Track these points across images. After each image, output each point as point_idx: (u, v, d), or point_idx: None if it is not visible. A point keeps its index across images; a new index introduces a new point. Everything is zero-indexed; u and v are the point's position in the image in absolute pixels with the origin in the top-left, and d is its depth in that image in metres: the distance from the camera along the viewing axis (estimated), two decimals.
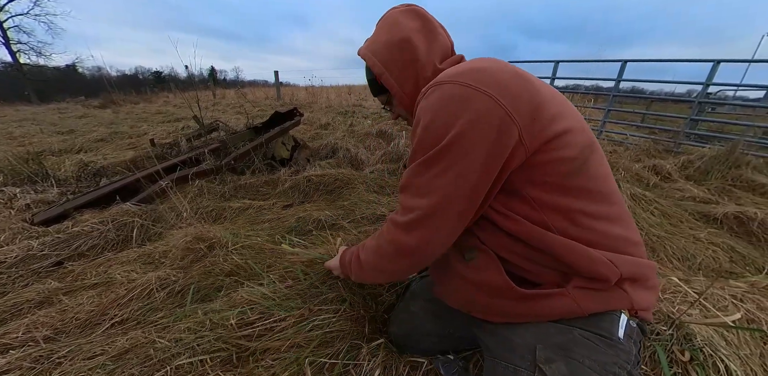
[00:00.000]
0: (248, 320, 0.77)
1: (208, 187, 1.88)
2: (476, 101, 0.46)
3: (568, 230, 0.49)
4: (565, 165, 0.48)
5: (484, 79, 0.47)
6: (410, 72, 0.63)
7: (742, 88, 4.52)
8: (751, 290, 0.93)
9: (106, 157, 2.89)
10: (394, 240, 0.54)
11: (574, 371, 0.43)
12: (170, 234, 1.39)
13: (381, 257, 0.59)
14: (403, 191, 0.54)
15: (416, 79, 0.64)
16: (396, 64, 0.63)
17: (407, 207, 0.52)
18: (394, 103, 0.72)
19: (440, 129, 0.48)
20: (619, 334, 0.46)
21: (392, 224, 0.55)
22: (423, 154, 0.50)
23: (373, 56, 0.65)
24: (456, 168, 0.47)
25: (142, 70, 39.68)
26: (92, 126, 4.79)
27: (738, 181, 2.30)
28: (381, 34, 0.65)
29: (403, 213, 0.53)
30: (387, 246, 0.56)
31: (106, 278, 1.10)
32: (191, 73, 3.07)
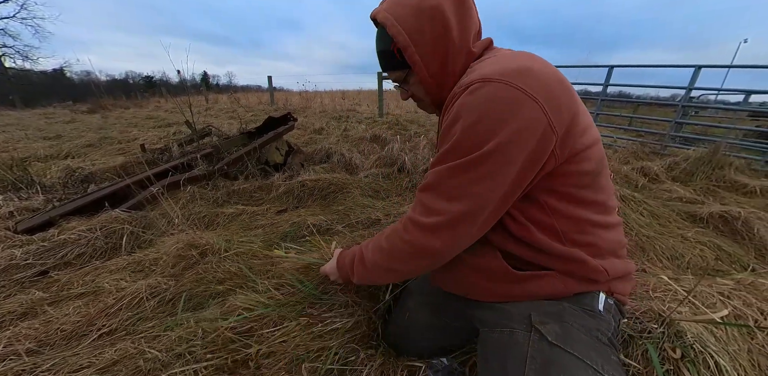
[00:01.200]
0: (242, 328, 0.76)
1: (200, 192, 1.85)
2: (525, 108, 0.44)
3: (574, 236, 0.53)
4: (583, 177, 0.52)
5: (534, 83, 0.45)
6: (440, 49, 0.55)
7: (722, 92, 4.71)
8: (738, 287, 0.96)
9: (95, 163, 2.83)
10: (415, 241, 0.52)
11: (565, 331, 0.48)
12: (161, 241, 1.37)
13: (394, 258, 0.57)
14: (429, 191, 0.51)
15: (445, 58, 0.56)
16: (424, 37, 0.54)
17: (434, 209, 0.50)
18: (411, 82, 0.63)
19: (484, 133, 0.45)
20: (599, 308, 0.52)
21: (413, 224, 0.52)
22: (459, 155, 0.47)
23: (396, 23, 0.54)
24: (494, 176, 0.46)
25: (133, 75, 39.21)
26: (80, 131, 4.69)
27: (721, 182, 2.38)
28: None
29: (426, 214, 0.50)
30: (404, 246, 0.54)
31: (93, 287, 1.06)
32: (183, 78, 3.05)
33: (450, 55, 0.56)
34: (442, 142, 0.53)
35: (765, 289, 0.96)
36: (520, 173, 0.47)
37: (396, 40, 0.56)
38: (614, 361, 0.47)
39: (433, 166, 0.52)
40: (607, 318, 0.52)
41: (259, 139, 2.30)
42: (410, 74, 0.61)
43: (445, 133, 0.51)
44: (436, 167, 0.51)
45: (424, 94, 0.64)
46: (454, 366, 0.72)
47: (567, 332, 0.48)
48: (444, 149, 0.50)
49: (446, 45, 0.55)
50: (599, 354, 0.46)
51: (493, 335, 0.54)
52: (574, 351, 0.45)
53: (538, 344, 0.47)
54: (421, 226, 0.51)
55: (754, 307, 0.86)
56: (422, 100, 0.66)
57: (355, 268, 0.66)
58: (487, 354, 0.54)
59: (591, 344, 0.47)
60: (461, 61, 0.57)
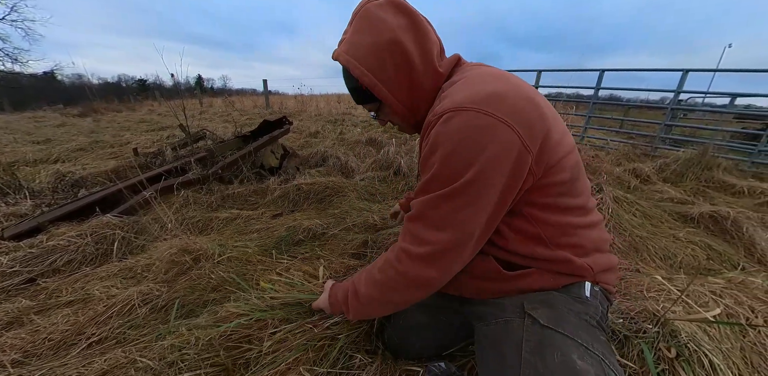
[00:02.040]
0: (237, 334, 0.74)
1: (194, 197, 1.83)
2: (498, 133, 0.45)
3: (559, 240, 0.55)
4: (560, 186, 0.54)
5: (504, 107, 0.46)
6: (404, 78, 0.58)
7: (709, 95, 4.84)
8: (729, 286, 0.97)
9: (86, 168, 2.78)
10: (409, 272, 0.52)
11: (556, 315, 0.51)
12: (154, 247, 1.34)
13: (389, 289, 0.57)
14: (417, 221, 0.52)
15: (411, 85, 0.59)
16: (387, 72, 0.56)
17: (424, 240, 0.51)
18: (385, 112, 0.67)
19: (462, 162, 0.46)
20: (586, 294, 0.55)
21: (406, 255, 0.53)
22: (441, 185, 0.49)
23: (358, 64, 0.56)
24: (476, 202, 0.48)
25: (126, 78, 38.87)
26: (71, 135, 4.61)
27: (710, 182, 2.43)
28: (363, 36, 0.56)
29: (417, 244, 0.52)
30: (398, 277, 0.54)
31: (83, 294, 1.04)
32: (177, 81, 3.03)
33: (415, 81, 0.58)
34: (423, 170, 0.54)
35: (755, 287, 0.98)
36: (502, 195, 0.49)
37: (361, 81, 0.58)
38: (603, 341, 0.50)
39: (417, 195, 0.53)
40: (594, 303, 0.55)
41: (255, 143, 2.29)
42: (383, 105, 0.64)
43: (425, 162, 0.52)
44: (420, 197, 0.52)
45: (400, 120, 0.67)
46: (453, 370, 0.72)
47: (558, 316, 0.50)
48: (426, 179, 0.51)
49: (410, 73, 0.57)
50: (589, 334, 0.49)
51: (488, 328, 0.56)
52: (565, 332, 0.48)
53: (531, 327, 0.50)
54: (414, 256, 0.52)
55: (745, 305, 0.88)
56: (399, 124, 0.70)
57: (349, 303, 0.65)
58: (484, 347, 0.55)
59: (580, 326, 0.50)
60: (429, 83, 0.59)
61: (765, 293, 0.95)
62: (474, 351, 0.78)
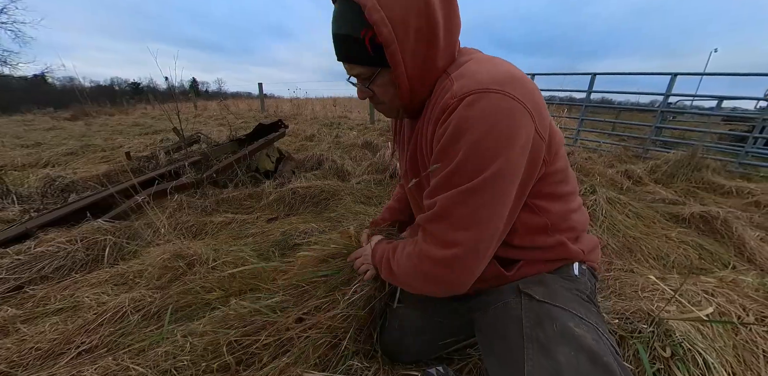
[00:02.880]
0: (231, 338, 0.73)
1: (188, 201, 1.80)
2: (523, 119, 0.43)
3: (559, 226, 0.57)
4: (559, 174, 0.55)
5: (524, 91, 0.44)
6: (422, 48, 0.48)
7: (697, 98, 4.96)
8: (720, 285, 0.99)
9: (76, 172, 2.73)
10: (430, 273, 0.50)
11: (550, 290, 0.53)
12: (146, 252, 1.32)
13: (415, 280, 0.55)
14: (441, 221, 0.47)
15: (425, 59, 0.49)
16: (408, 33, 0.46)
17: (450, 241, 0.47)
18: (378, 82, 0.53)
19: (491, 150, 0.42)
20: (575, 273, 0.58)
21: (428, 258, 0.49)
22: (467, 177, 0.44)
23: (380, 7, 0.44)
24: (502, 196, 0.45)
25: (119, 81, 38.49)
26: (61, 139, 4.53)
27: (700, 183, 2.49)
28: None
29: (442, 246, 0.48)
30: (421, 276, 0.52)
31: (72, 302, 1.01)
32: (171, 85, 3.01)
33: (432, 56, 0.49)
34: (440, 160, 0.48)
35: (746, 285, 1.00)
36: (522, 186, 0.47)
37: (378, 31, 0.45)
38: (595, 312, 0.53)
39: (437, 191, 0.48)
40: (583, 280, 0.58)
41: (250, 147, 2.28)
42: (381, 74, 0.52)
43: (444, 151, 0.46)
44: (442, 193, 0.47)
45: (392, 98, 0.55)
46: (450, 374, 0.71)
47: (551, 291, 0.52)
48: (448, 171, 0.46)
49: (430, 46, 0.48)
50: (581, 306, 0.51)
51: (488, 314, 0.56)
52: (560, 304, 0.49)
53: (528, 304, 0.51)
54: (436, 260, 0.48)
55: (736, 303, 0.89)
56: (384, 103, 0.58)
57: (383, 268, 0.64)
58: (486, 334, 0.55)
59: (573, 299, 0.53)
60: (443, 64, 0.51)
61: (756, 291, 0.97)
62: (471, 354, 0.78)
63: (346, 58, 0.53)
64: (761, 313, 0.86)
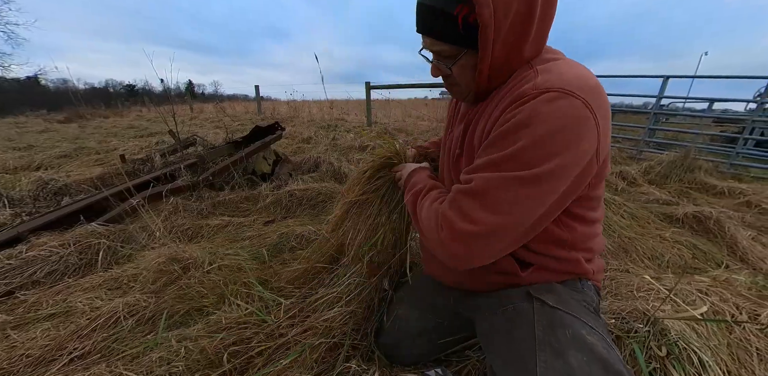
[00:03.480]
0: (225, 342, 0.72)
1: (184, 204, 1.79)
2: (590, 132, 0.43)
3: (578, 245, 0.59)
4: (593, 201, 0.57)
5: (603, 113, 0.44)
6: (513, 36, 0.46)
7: (689, 100, 5.04)
8: (714, 284, 1.00)
9: (70, 175, 2.70)
10: (444, 240, 0.48)
11: (561, 298, 0.54)
12: (141, 256, 1.30)
13: (429, 233, 0.53)
14: (473, 198, 0.46)
15: (513, 46, 0.48)
16: (508, 16, 0.44)
17: (471, 217, 0.46)
18: (460, 63, 0.51)
19: (551, 149, 0.42)
20: (581, 287, 0.61)
21: (449, 227, 0.48)
22: (518, 166, 0.43)
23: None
24: (543, 197, 0.44)
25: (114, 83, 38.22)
26: (55, 141, 4.48)
27: (693, 184, 2.52)
28: None
29: (462, 218, 0.46)
30: (434, 234, 0.50)
31: (64, 307, 1.00)
32: (167, 87, 2.99)
33: (521, 44, 0.47)
34: (495, 143, 0.46)
35: (739, 284, 1.01)
36: (563, 196, 0.46)
37: (478, 12, 0.44)
38: (602, 323, 0.55)
39: (481, 169, 0.47)
40: (589, 294, 0.60)
41: (246, 149, 2.27)
42: (466, 55, 0.50)
43: (505, 135, 0.45)
44: (486, 172, 0.46)
45: (469, 81, 0.54)
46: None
47: (563, 299, 0.53)
48: (502, 155, 0.44)
49: (523, 33, 0.46)
50: (590, 316, 0.52)
51: (495, 316, 0.57)
52: (572, 312, 0.50)
53: (540, 309, 0.51)
54: (456, 231, 0.47)
55: (730, 302, 0.90)
56: (459, 85, 0.56)
57: (410, 199, 0.63)
58: (493, 335, 0.55)
59: (582, 309, 0.54)
60: (528, 54, 0.50)
61: (748, 289, 0.98)
62: (470, 355, 0.78)
63: (430, 32, 0.50)
64: (754, 311, 0.87)
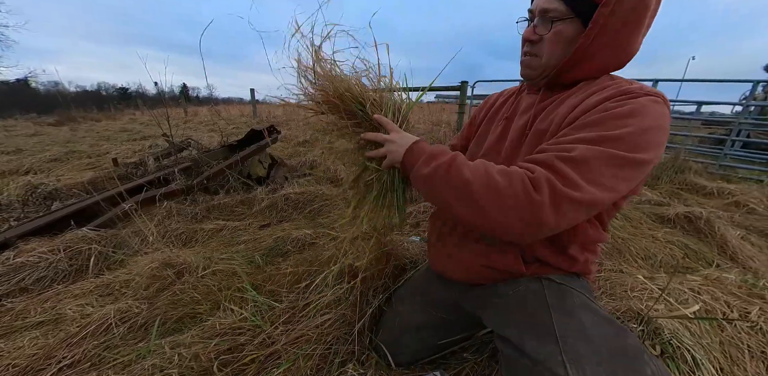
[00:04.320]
0: (220, 348, 0.71)
1: (177, 208, 1.77)
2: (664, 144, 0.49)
3: (589, 247, 0.64)
4: (614, 211, 0.62)
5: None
6: (622, 26, 0.49)
7: (678, 103, 5.15)
8: (705, 283, 1.02)
9: (60, 179, 2.65)
10: (538, 203, 0.43)
11: (565, 279, 0.59)
12: (134, 261, 1.28)
13: (496, 197, 0.45)
14: (575, 164, 0.44)
15: (612, 40, 0.50)
16: (622, 5, 0.48)
17: (578, 185, 0.43)
18: (562, 30, 0.53)
19: (651, 142, 0.46)
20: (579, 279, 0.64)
21: (550, 187, 0.43)
22: (624, 148, 0.44)
23: None
24: (631, 182, 0.46)
25: (106, 86, 37.79)
26: (45, 145, 4.40)
27: (684, 185, 2.57)
28: None
29: (565, 183, 0.43)
30: (519, 199, 0.44)
31: (53, 314, 0.97)
32: (161, 90, 2.97)
33: (622, 41, 0.51)
34: (603, 122, 0.47)
35: (729, 283, 1.03)
36: (632, 190, 0.50)
37: None
38: (600, 304, 0.62)
39: (580, 142, 0.46)
40: (586, 284, 0.64)
41: (241, 153, 2.25)
42: (572, 22, 0.52)
43: (614, 118, 0.46)
44: (590, 145, 0.45)
45: (552, 55, 0.55)
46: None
47: (567, 280, 0.60)
48: (609, 133, 0.45)
49: (630, 31, 0.50)
50: (590, 294, 0.59)
51: (507, 297, 0.60)
52: (576, 287, 0.58)
53: (549, 284, 0.58)
54: (556, 193, 0.43)
55: (721, 300, 0.92)
56: (539, 56, 0.56)
57: (432, 167, 0.52)
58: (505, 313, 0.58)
59: (584, 288, 0.60)
60: (619, 60, 0.54)
61: (739, 288, 1.00)
62: (467, 358, 0.78)
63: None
64: (744, 309, 0.88)
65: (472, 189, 0.47)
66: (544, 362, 0.44)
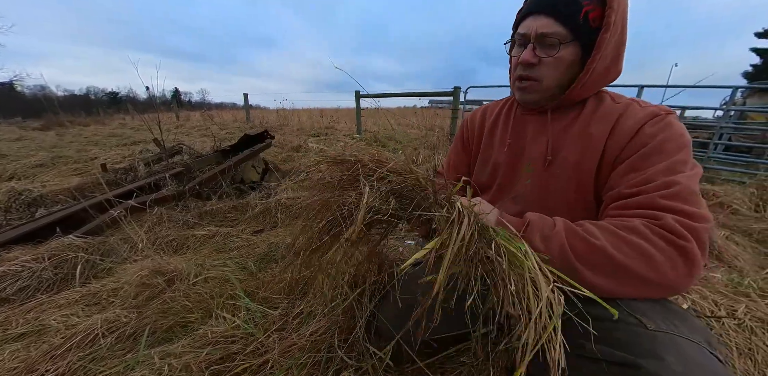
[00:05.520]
0: (211, 358, 0.70)
1: (169, 214, 1.73)
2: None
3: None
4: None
5: None
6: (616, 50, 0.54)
7: None
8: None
9: (46, 185, 2.58)
10: (690, 250, 0.41)
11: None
12: (122, 269, 1.25)
13: (639, 255, 0.41)
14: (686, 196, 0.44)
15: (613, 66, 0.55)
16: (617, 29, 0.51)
17: (700, 215, 0.43)
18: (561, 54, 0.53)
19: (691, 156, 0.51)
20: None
21: (685, 227, 0.42)
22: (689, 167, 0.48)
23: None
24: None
25: (95, 90, 37.20)
26: (30, 150, 4.29)
27: None
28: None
29: (693, 219, 0.43)
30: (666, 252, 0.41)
31: (37, 325, 0.94)
32: (152, 94, 2.94)
33: (617, 61, 0.55)
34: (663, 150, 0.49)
35: (716, 282, 1.06)
36: None
37: (608, 13, 0.49)
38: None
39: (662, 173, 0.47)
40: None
41: (234, 158, 2.24)
42: (572, 46, 0.53)
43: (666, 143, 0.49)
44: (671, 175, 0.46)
45: (551, 78, 0.55)
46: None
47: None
48: (675, 158, 0.48)
49: (620, 51, 0.54)
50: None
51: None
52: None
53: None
54: (696, 231, 0.42)
55: (709, 299, 0.94)
56: (540, 81, 0.56)
57: (562, 239, 0.45)
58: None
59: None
60: (612, 77, 0.57)
61: (725, 287, 1.02)
62: (464, 362, 0.78)
63: (556, 12, 0.51)
64: (731, 307, 0.91)
65: (607, 253, 0.42)
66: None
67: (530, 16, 0.54)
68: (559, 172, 0.58)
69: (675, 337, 0.39)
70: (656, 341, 0.39)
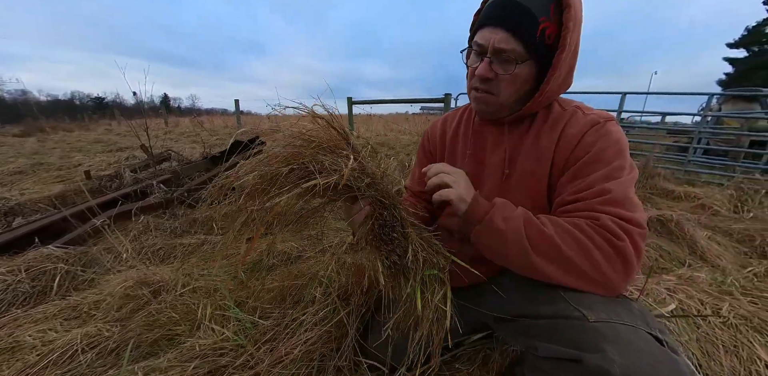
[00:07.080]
0: (199, 372, 0.67)
1: (155, 222, 1.68)
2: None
3: None
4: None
5: None
6: (571, 71, 0.56)
7: (645, 114, 5.55)
8: (680, 282, 1.07)
9: (24, 193, 2.48)
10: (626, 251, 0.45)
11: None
12: (105, 280, 1.20)
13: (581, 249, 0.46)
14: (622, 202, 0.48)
15: (564, 82, 0.57)
16: (572, 48, 0.52)
17: (638, 219, 0.47)
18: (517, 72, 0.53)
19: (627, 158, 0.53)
20: None
21: (626, 231, 0.45)
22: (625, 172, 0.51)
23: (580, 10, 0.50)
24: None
25: (80, 96, 36.35)
26: (8, 156, 4.13)
27: (654, 190, 2.73)
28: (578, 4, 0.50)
29: (631, 222, 0.47)
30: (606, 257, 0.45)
31: (10, 342, 0.89)
32: (140, 99, 2.89)
33: (570, 75, 0.57)
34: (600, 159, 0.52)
35: (701, 281, 1.08)
36: None
37: (564, 35, 0.50)
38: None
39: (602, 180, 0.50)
40: None
41: (225, 164, 2.20)
42: (529, 65, 0.53)
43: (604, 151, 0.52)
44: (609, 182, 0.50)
45: (508, 93, 0.56)
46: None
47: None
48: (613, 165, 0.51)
49: (573, 65, 0.56)
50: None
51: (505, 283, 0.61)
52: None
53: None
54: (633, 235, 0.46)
55: (695, 298, 0.96)
56: (496, 94, 0.57)
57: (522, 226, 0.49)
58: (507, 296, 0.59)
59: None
60: (565, 88, 0.58)
61: (710, 286, 1.05)
62: (460, 369, 0.77)
63: (514, 28, 0.51)
64: (716, 306, 0.93)
65: (553, 243, 0.47)
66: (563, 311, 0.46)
67: (488, 27, 0.53)
68: (515, 184, 0.61)
69: (615, 325, 0.43)
70: (598, 333, 0.42)
